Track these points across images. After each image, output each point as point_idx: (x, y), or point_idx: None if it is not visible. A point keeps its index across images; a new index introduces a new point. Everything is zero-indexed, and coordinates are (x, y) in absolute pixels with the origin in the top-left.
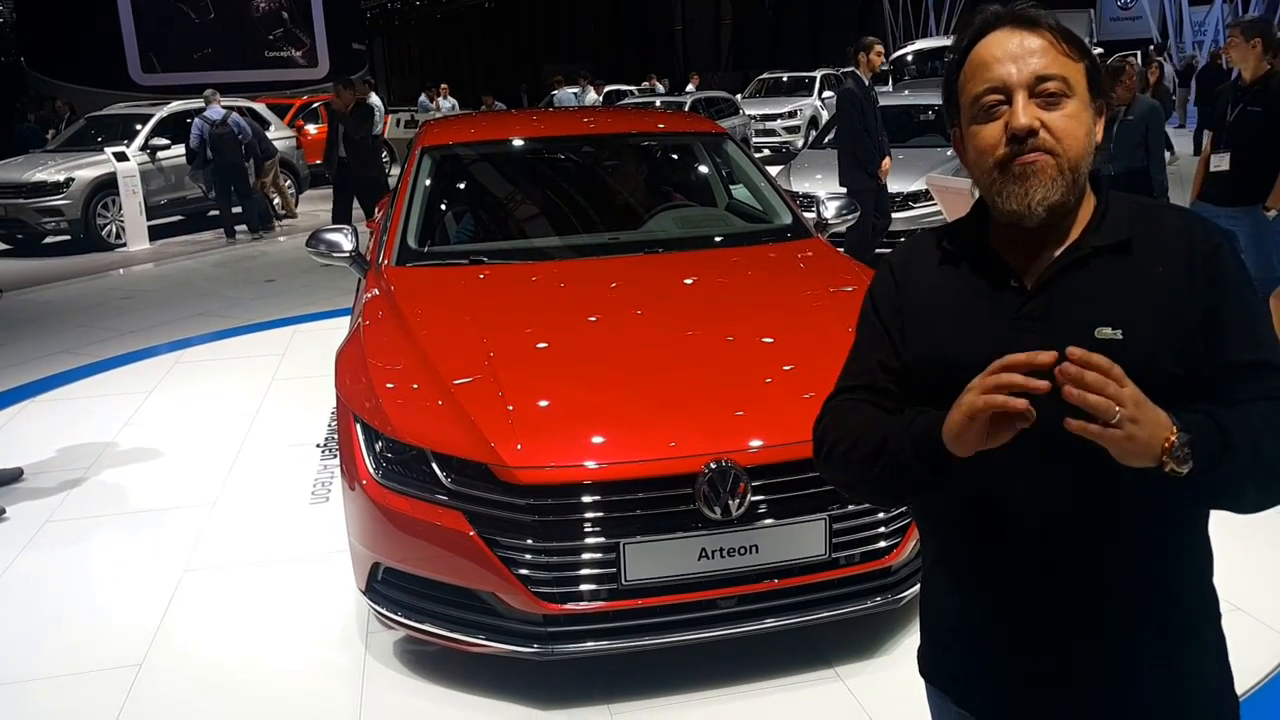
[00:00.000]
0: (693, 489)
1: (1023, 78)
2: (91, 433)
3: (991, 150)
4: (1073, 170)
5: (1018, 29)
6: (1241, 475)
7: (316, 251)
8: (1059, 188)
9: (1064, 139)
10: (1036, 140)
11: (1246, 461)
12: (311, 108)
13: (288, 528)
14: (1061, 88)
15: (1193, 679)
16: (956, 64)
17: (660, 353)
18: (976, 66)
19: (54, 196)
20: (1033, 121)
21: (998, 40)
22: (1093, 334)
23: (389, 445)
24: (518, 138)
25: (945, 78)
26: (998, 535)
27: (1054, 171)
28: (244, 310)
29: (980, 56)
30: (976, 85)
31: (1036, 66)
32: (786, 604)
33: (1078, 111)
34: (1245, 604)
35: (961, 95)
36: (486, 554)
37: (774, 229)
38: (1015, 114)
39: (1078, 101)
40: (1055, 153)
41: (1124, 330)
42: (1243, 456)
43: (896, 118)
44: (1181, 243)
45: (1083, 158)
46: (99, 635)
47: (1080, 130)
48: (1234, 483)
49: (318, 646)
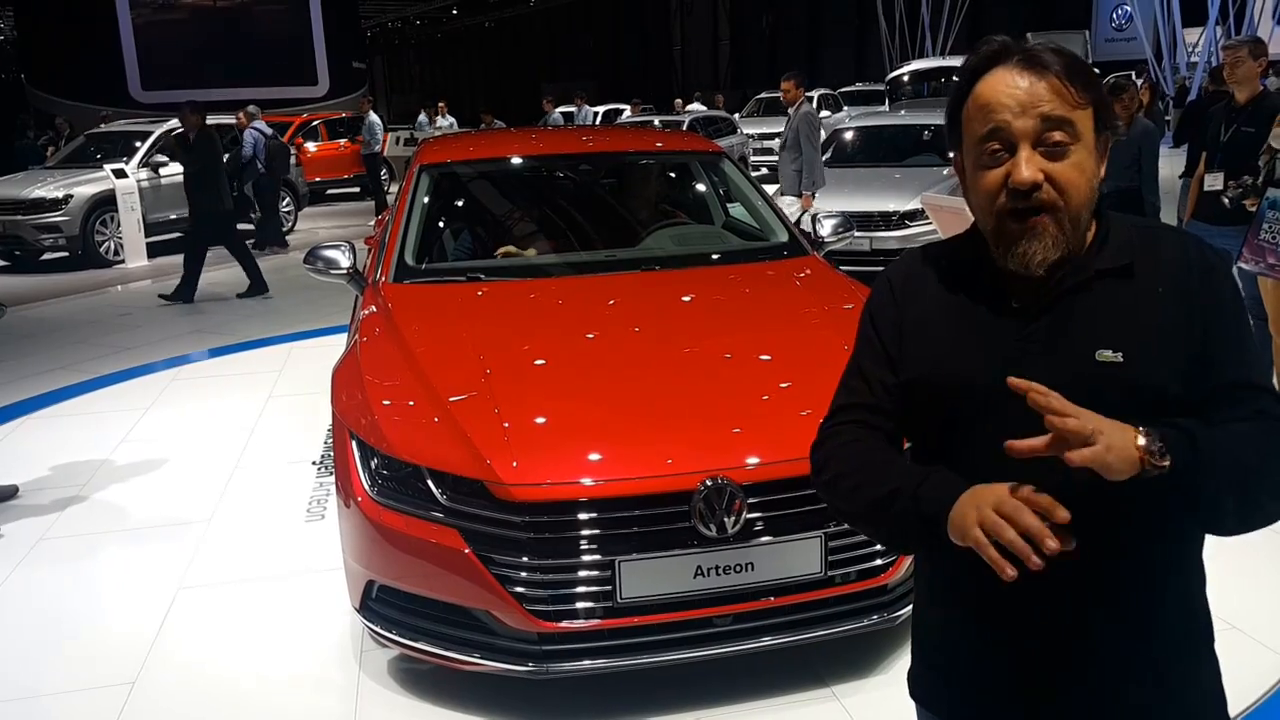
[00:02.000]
0: (689, 506)
1: (1027, 128)
2: (88, 449)
3: (993, 197)
4: (1073, 222)
5: (1026, 70)
6: (1219, 482)
7: (314, 268)
8: (1059, 246)
9: (1067, 190)
10: (1040, 194)
11: (1223, 464)
12: (311, 125)
13: (283, 545)
14: (1066, 138)
15: (1186, 698)
16: (961, 93)
17: (657, 370)
18: (980, 106)
19: (53, 213)
20: (1036, 176)
21: (1004, 80)
22: (1094, 356)
23: (384, 462)
24: (516, 156)
25: (950, 102)
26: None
27: (1055, 230)
28: (242, 327)
29: (985, 96)
30: (980, 127)
31: (1041, 117)
32: (782, 622)
33: (1082, 160)
34: (1242, 623)
35: (965, 130)
36: (481, 571)
37: (771, 246)
38: (1019, 167)
39: (1083, 148)
40: (1056, 207)
41: (1124, 353)
42: (1218, 458)
43: (893, 138)
44: (1179, 264)
45: (1084, 207)
46: (94, 652)
47: (1084, 179)
48: (1212, 492)
49: (312, 664)
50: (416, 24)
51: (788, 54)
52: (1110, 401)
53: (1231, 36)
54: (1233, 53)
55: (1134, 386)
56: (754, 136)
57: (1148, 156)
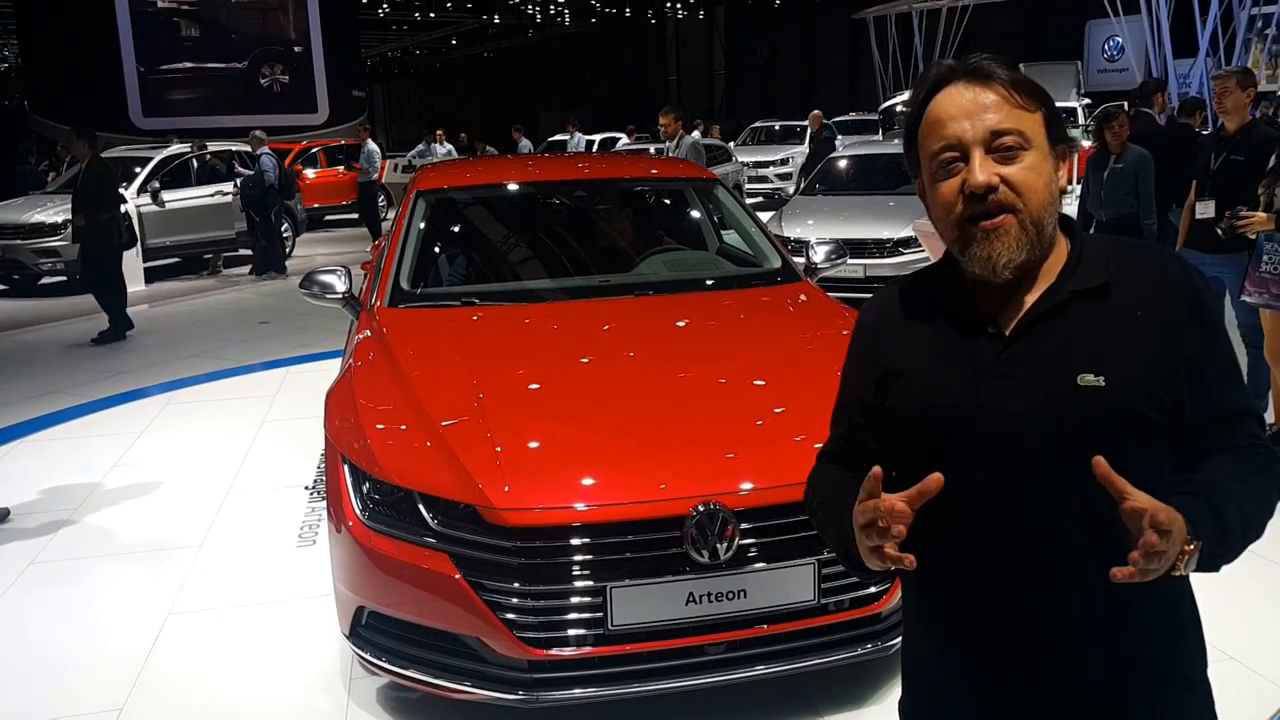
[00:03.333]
0: (681, 532)
1: (977, 134)
2: (80, 473)
3: (951, 207)
4: (1035, 225)
5: (971, 83)
6: (1232, 547)
7: (310, 293)
8: (1023, 247)
9: (1025, 192)
10: (996, 196)
11: (1237, 541)
12: (310, 152)
13: (274, 570)
14: (1018, 141)
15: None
16: (914, 119)
17: (651, 395)
18: (932, 123)
19: (51, 238)
20: (990, 178)
21: (951, 96)
22: (1075, 380)
23: (376, 486)
24: (511, 182)
25: (905, 130)
26: (977, 588)
27: (1017, 231)
28: (237, 352)
29: (935, 113)
30: (933, 142)
31: (991, 122)
32: (775, 651)
33: (1037, 163)
34: (1237, 653)
35: (920, 151)
36: (472, 598)
37: (764, 273)
38: (972, 171)
39: (1036, 153)
40: (1016, 208)
41: (1106, 376)
42: (1233, 524)
43: (885, 166)
44: (1159, 284)
45: (1045, 209)
46: (83, 677)
47: (1040, 181)
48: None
49: (301, 691)
50: (416, 54)
51: (782, 84)
52: (1089, 425)
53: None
54: (1221, 83)
55: (1114, 410)
56: (748, 164)
57: (1144, 182)
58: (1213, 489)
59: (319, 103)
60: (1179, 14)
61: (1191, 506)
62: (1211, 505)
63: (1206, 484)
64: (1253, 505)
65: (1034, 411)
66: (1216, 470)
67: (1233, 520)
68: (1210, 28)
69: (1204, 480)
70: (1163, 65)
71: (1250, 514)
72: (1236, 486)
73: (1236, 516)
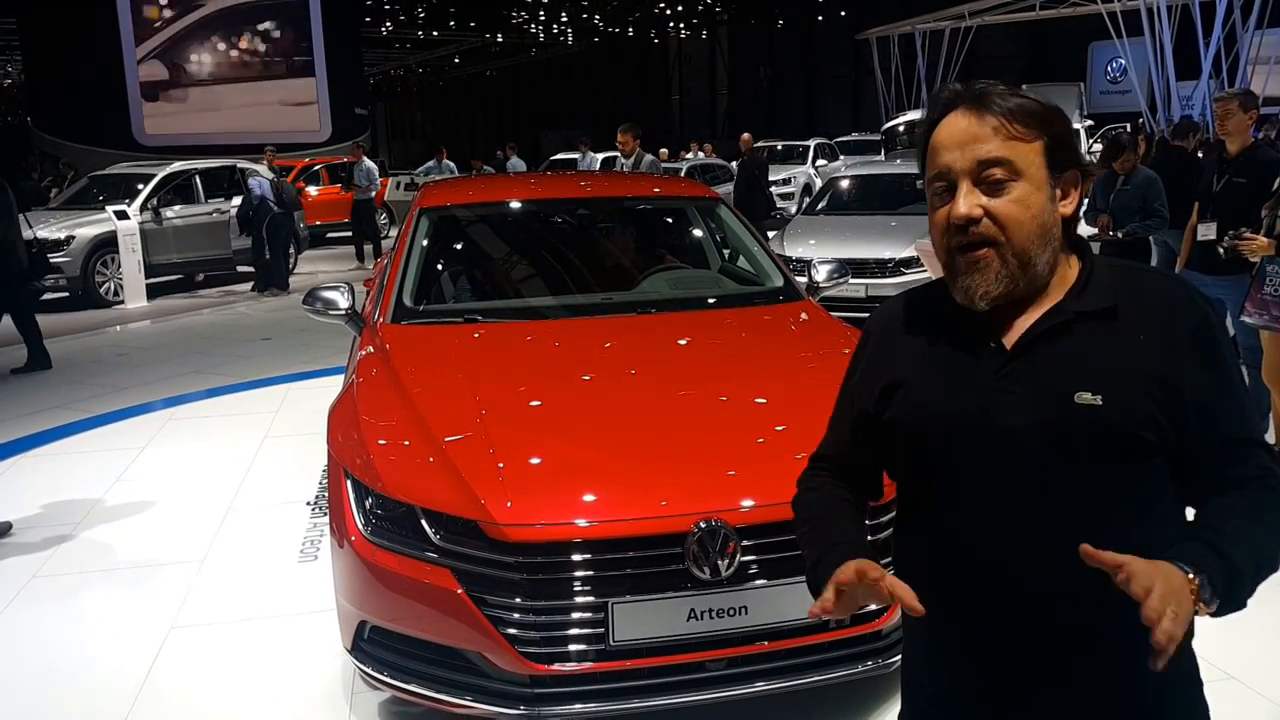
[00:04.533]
0: (682, 548)
1: (965, 165)
2: (82, 488)
3: (941, 234)
4: (1018, 257)
5: (969, 112)
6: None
7: (313, 309)
8: (1002, 281)
9: (1008, 225)
10: (978, 229)
11: (1248, 578)
12: (313, 170)
13: (275, 585)
14: (1006, 174)
15: None
16: (924, 141)
17: (652, 412)
18: (932, 149)
19: (54, 254)
20: (972, 210)
21: (949, 124)
22: (1072, 398)
23: (379, 502)
24: (514, 200)
25: (918, 153)
26: (977, 602)
27: (998, 265)
28: (239, 368)
29: (935, 139)
30: (929, 170)
31: (980, 153)
32: (776, 667)
33: (1025, 195)
34: (1238, 672)
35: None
36: (474, 613)
37: (766, 291)
38: (956, 203)
39: (1026, 184)
40: (997, 241)
41: (1103, 395)
42: (1244, 575)
43: (887, 186)
44: (1166, 310)
45: (1029, 242)
46: (84, 691)
47: (1027, 215)
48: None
49: (303, 706)
50: (419, 72)
51: (785, 104)
52: (1085, 443)
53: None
54: (1224, 105)
55: (1110, 430)
56: None
57: (1154, 200)
58: (1217, 531)
59: (321, 120)
60: (1182, 36)
61: (1194, 551)
62: (1214, 547)
63: (1210, 526)
64: (1266, 541)
65: (1032, 427)
66: (1224, 510)
67: (1240, 557)
68: (1213, 50)
69: (1208, 523)
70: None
71: (1263, 549)
72: (1244, 524)
73: (1246, 553)
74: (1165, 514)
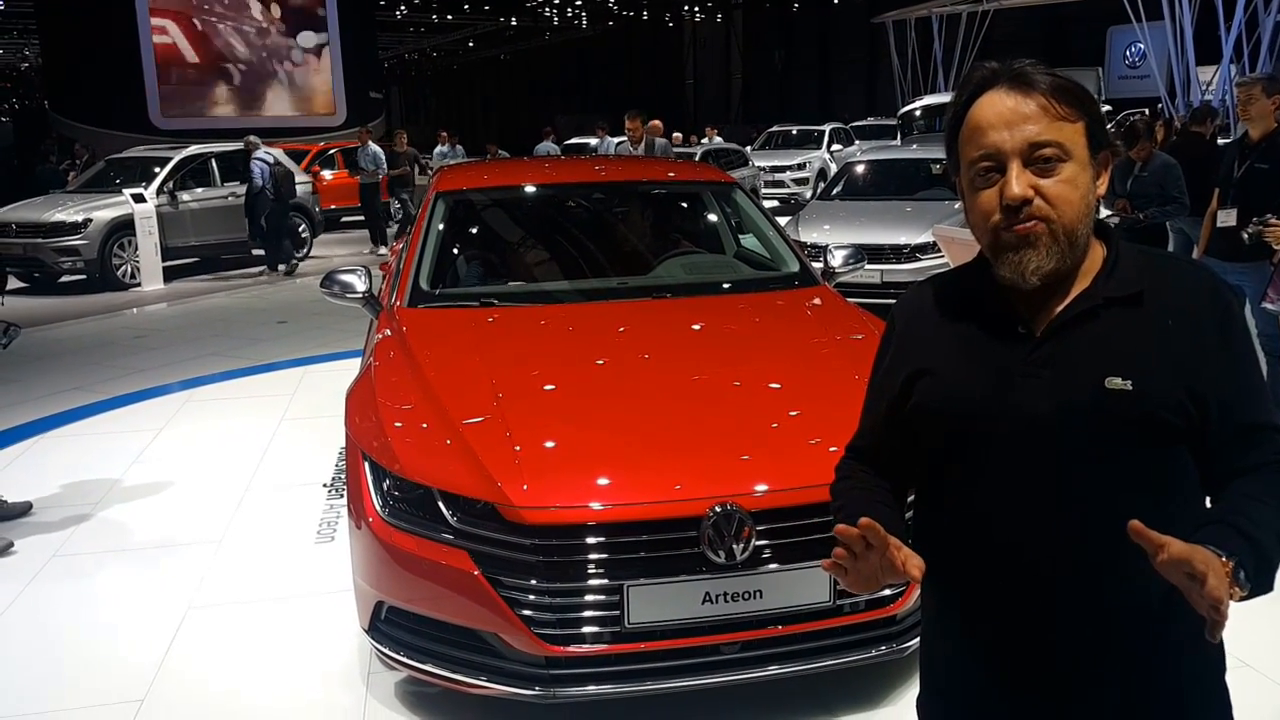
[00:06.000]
0: (697, 532)
1: (1015, 145)
2: (101, 469)
3: (988, 216)
4: (1068, 235)
5: (1013, 91)
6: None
7: (330, 292)
8: (1054, 256)
9: (1059, 205)
10: (1031, 209)
11: (1275, 560)
12: (328, 154)
13: (293, 566)
14: (1056, 153)
15: None
16: (956, 120)
17: (667, 396)
18: (972, 130)
19: (72, 236)
20: (1026, 191)
21: (992, 102)
22: (1103, 383)
23: (396, 484)
24: (530, 184)
25: (947, 131)
26: (998, 586)
27: (1049, 240)
28: (256, 350)
29: (975, 119)
30: (972, 150)
31: (1030, 134)
32: (790, 651)
33: (1074, 175)
34: (1253, 660)
35: (961, 154)
36: (490, 594)
37: (782, 276)
38: (1009, 184)
39: (1074, 164)
40: (1050, 219)
41: (1134, 381)
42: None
43: (904, 171)
44: (1191, 298)
45: (1079, 221)
46: (103, 669)
47: (1076, 194)
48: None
49: (320, 686)
50: (433, 55)
51: (800, 88)
52: (1114, 428)
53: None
54: (1246, 90)
55: (1140, 416)
56: (765, 169)
57: (1173, 187)
58: (1242, 514)
59: (337, 104)
60: (1202, 20)
61: (1222, 535)
62: (1241, 530)
63: (1234, 510)
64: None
65: (1061, 412)
66: (1245, 494)
67: (1266, 541)
68: (1234, 34)
69: (1231, 506)
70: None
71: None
72: (1266, 508)
73: (1270, 537)
74: (1186, 499)
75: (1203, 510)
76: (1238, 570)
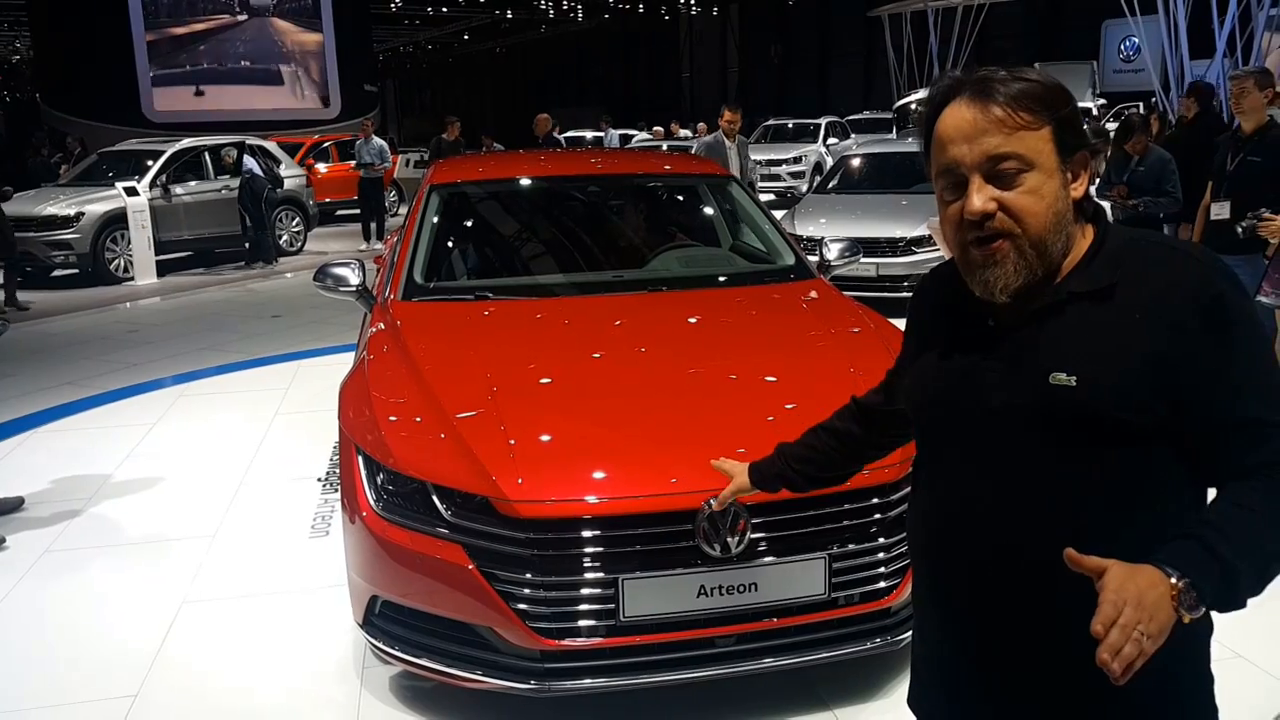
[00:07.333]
0: (692, 525)
1: (975, 160)
2: (94, 464)
3: (955, 230)
4: (1036, 247)
5: (974, 102)
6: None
7: (324, 286)
8: (1021, 272)
9: (1024, 217)
10: (993, 223)
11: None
12: (322, 147)
13: (287, 561)
14: (1017, 165)
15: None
16: (928, 129)
17: (662, 390)
18: (937, 142)
19: (64, 230)
20: (987, 205)
21: (954, 114)
22: (1047, 379)
23: (390, 477)
24: (525, 177)
25: (922, 139)
26: (976, 576)
27: (1015, 257)
28: (249, 345)
29: (939, 131)
30: (936, 163)
31: (989, 146)
32: (785, 644)
33: (1039, 184)
34: (1246, 651)
35: (932, 164)
36: (485, 588)
37: (777, 269)
38: (970, 199)
39: (1038, 173)
40: (1014, 233)
41: (1079, 377)
42: (1245, 573)
43: (899, 165)
44: (1171, 288)
45: (1047, 230)
46: (96, 665)
47: (1042, 204)
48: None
49: (314, 680)
50: (428, 48)
51: (796, 82)
52: (1061, 425)
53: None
54: (1239, 83)
55: (1086, 412)
56: (761, 162)
57: (1169, 180)
58: (1216, 529)
59: (331, 97)
60: (1196, 14)
61: (1184, 552)
62: (1208, 546)
63: (1211, 523)
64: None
65: (1011, 408)
66: (1235, 500)
67: (1237, 556)
68: (1228, 28)
69: (1213, 518)
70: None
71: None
72: (1254, 517)
73: (1247, 550)
74: (1171, 503)
75: (1189, 514)
76: (1189, 590)
